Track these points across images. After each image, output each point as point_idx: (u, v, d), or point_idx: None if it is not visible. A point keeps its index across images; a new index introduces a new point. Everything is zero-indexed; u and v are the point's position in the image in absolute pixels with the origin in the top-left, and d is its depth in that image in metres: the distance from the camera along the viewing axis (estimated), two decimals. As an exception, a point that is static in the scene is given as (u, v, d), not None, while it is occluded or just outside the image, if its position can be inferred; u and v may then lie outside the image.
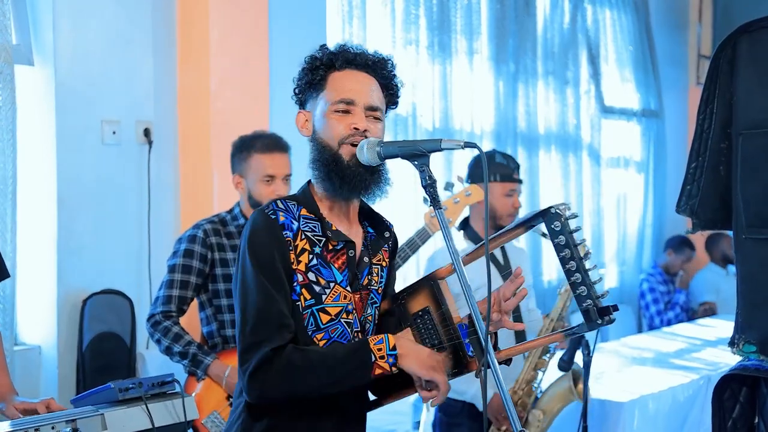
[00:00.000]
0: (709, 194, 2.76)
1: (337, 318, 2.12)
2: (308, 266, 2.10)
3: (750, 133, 2.64)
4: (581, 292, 2.08)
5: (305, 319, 2.09)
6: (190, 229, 3.38)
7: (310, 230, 2.12)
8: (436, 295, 2.19)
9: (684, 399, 4.52)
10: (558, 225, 2.09)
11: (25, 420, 2.54)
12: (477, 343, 2.13)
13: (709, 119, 2.74)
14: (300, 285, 2.09)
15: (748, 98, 2.66)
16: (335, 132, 2.12)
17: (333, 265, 2.13)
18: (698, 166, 2.77)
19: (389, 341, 2.08)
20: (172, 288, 3.28)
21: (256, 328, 2.03)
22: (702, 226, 2.83)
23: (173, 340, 3.22)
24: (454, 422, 3.65)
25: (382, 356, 2.07)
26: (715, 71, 2.72)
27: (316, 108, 2.17)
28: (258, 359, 2.01)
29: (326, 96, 2.16)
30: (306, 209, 2.15)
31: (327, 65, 2.17)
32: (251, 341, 2.03)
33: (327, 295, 2.11)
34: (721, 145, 2.73)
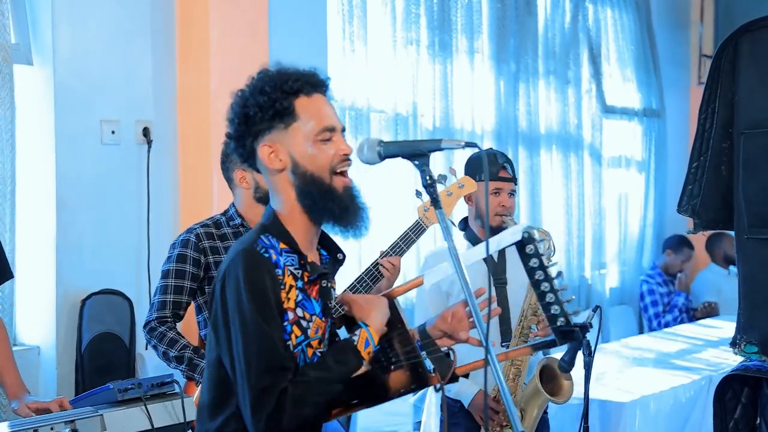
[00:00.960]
0: (711, 194, 2.76)
1: (315, 350, 2.12)
2: (296, 302, 2.08)
3: (751, 133, 2.64)
4: (554, 311, 2.11)
5: (297, 357, 2.07)
6: (183, 234, 3.36)
7: (291, 264, 2.09)
8: (393, 314, 2.19)
9: (685, 399, 4.51)
10: (531, 248, 2.11)
11: (24, 421, 2.53)
12: (436, 358, 2.18)
13: (710, 119, 2.73)
14: (291, 323, 2.06)
15: (750, 98, 2.65)
16: (326, 161, 2.07)
17: (311, 296, 2.12)
18: (700, 165, 2.76)
19: (374, 340, 2.11)
20: (166, 293, 3.25)
21: (262, 374, 1.99)
22: (703, 226, 2.82)
23: (169, 346, 3.19)
24: (452, 422, 3.65)
25: (369, 353, 2.10)
26: (716, 71, 2.71)
27: (290, 139, 2.08)
28: (270, 408, 1.98)
29: (303, 125, 2.07)
30: (283, 242, 2.10)
31: (292, 92, 2.08)
32: (261, 387, 1.98)
33: (310, 329, 2.10)
34: (722, 145, 2.72)
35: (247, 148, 2.12)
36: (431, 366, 2.19)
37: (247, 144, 2.12)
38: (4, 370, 2.84)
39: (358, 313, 2.17)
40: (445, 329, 2.20)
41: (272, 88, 2.08)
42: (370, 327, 2.12)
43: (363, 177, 4.98)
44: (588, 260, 6.80)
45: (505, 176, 3.61)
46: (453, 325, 2.19)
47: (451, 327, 2.19)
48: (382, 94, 5.19)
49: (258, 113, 2.09)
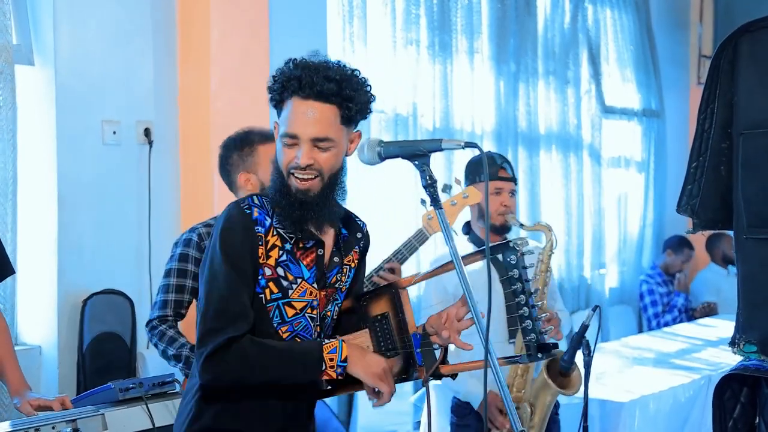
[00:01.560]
0: (710, 194, 2.76)
1: (302, 312, 2.22)
2: (278, 261, 2.18)
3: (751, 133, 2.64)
4: (527, 326, 2.14)
5: (270, 311, 2.18)
6: (185, 233, 3.36)
7: (282, 227, 2.19)
8: (396, 302, 2.28)
9: (685, 399, 4.52)
10: (513, 259, 2.15)
11: (26, 420, 2.54)
12: (428, 354, 2.25)
13: (709, 119, 2.73)
14: (266, 279, 2.17)
15: (749, 98, 2.65)
16: (283, 161, 2.20)
17: (302, 262, 2.21)
18: (699, 165, 2.76)
19: (342, 352, 2.17)
20: (168, 293, 3.26)
21: (216, 316, 2.11)
22: (703, 226, 2.82)
23: (168, 344, 3.20)
24: (462, 423, 3.66)
25: (332, 366, 2.16)
26: (715, 71, 2.72)
27: (279, 126, 2.23)
28: (214, 345, 2.09)
29: (280, 123, 2.22)
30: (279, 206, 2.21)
31: (290, 89, 2.19)
32: (210, 327, 2.11)
33: (293, 290, 2.20)
34: (721, 145, 2.72)
35: None
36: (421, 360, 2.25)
37: None
38: (7, 367, 2.85)
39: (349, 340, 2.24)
40: (436, 327, 2.25)
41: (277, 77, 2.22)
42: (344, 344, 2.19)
43: (363, 178, 5.01)
44: (587, 260, 6.81)
45: (504, 176, 3.63)
46: (444, 324, 2.23)
47: (440, 326, 2.24)
48: (382, 95, 5.18)
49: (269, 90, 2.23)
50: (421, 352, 2.25)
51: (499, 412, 3.51)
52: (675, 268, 7.19)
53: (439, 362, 2.25)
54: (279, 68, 2.24)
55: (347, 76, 2.19)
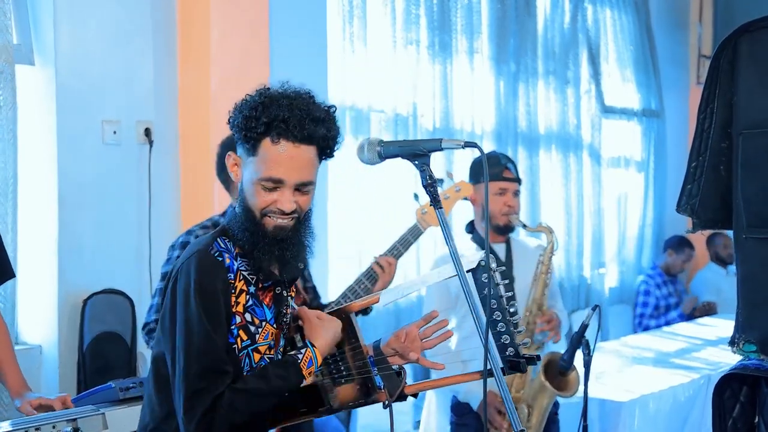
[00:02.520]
0: (710, 194, 2.76)
1: (263, 355, 2.16)
2: (245, 307, 2.12)
3: (750, 133, 2.65)
4: (504, 340, 2.14)
5: (242, 360, 2.12)
6: (182, 235, 3.36)
7: (245, 269, 2.13)
8: (348, 328, 2.23)
9: (684, 399, 4.52)
10: (486, 277, 2.14)
11: (26, 419, 2.54)
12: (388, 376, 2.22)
13: (709, 119, 2.74)
14: (237, 327, 2.11)
15: (749, 98, 2.66)
16: (259, 204, 2.11)
17: (263, 302, 2.17)
18: (699, 165, 2.76)
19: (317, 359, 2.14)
20: None
21: (199, 376, 2.04)
22: (702, 225, 2.83)
23: None
24: (461, 422, 3.67)
25: (311, 373, 2.15)
26: (715, 71, 2.72)
27: (246, 166, 2.12)
28: (203, 409, 2.03)
29: (256, 164, 2.10)
30: (239, 247, 2.14)
31: (261, 131, 2.09)
32: (196, 389, 2.04)
33: (259, 334, 2.15)
34: (721, 145, 2.73)
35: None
36: (381, 383, 2.22)
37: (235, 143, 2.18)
38: (7, 369, 2.85)
39: (308, 332, 2.20)
40: (397, 348, 2.23)
41: (249, 117, 2.10)
42: (317, 348, 2.16)
43: (359, 175, 5.01)
44: (587, 260, 6.82)
45: (508, 176, 3.64)
46: (405, 344, 2.22)
47: (403, 347, 2.23)
48: (382, 95, 5.20)
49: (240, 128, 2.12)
50: (379, 375, 2.22)
51: (497, 412, 3.52)
52: (676, 269, 7.20)
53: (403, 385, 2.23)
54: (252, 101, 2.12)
55: (330, 115, 2.15)
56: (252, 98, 2.14)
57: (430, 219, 3.46)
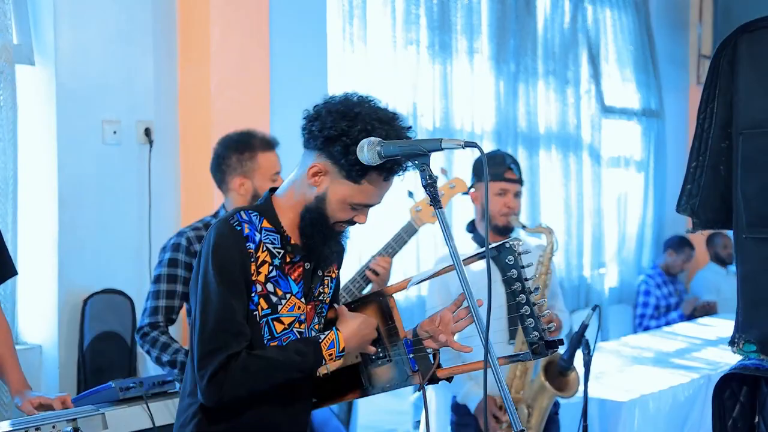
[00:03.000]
0: (710, 194, 2.76)
1: (290, 327, 2.21)
2: (267, 277, 2.17)
3: (750, 133, 2.65)
4: (529, 324, 2.15)
5: (261, 328, 2.17)
6: (173, 237, 3.33)
7: (270, 242, 2.19)
8: (385, 310, 2.28)
9: (684, 398, 4.52)
10: (511, 259, 2.16)
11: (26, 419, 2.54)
12: (422, 359, 2.24)
13: (709, 119, 2.74)
14: (258, 295, 2.16)
15: (749, 98, 2.66)
16: (339, 218, 2.19)
17: (290, 276, 2.21)
18: (699, 165, 2.77)
19: (339, 344, 2.20)
20: (158, 299, 3.23)
21: (214, 335, 2.10)
22: (702, 225, 2.83)
23: (161, 350, 3.16)
24: (462, 422, 3.67)
25: (332, 357, 2.19)
26: (715, 71, 2.72)
27: (339, 185, 2.15)
28: (214, 367, 2.09)
29: (355, 190, 2.15)
30: (267, 221, 2.20)
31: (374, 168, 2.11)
32: (209, 348, 2.10)
33: (282, 306, 2.19)
34: (721, 145, 2.73)
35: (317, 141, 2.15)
36: (415, 365, 2.25)
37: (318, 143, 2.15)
38: (7, 367, 2.85)
39: (339, 322, 2.26)
40: (430, 331, 2.25)
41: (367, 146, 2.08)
42: (341, 332, 2.21)
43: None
44: (587, 259, 6.82)
45: (510, 177, 3.62)
46: (438, 328, 2.24)
47: (436, 330, 2.24)
48: (382, 94, 5.19)
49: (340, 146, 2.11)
50: (414, 357, 2.25)
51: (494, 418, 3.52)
52: (676, 269, 7.20)
53: (435, 367, 2.25)
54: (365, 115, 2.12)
55: None
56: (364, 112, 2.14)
57: (424, 217, 3.47)
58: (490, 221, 3.61)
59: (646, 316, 6.99)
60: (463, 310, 2.24)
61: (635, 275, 7.29)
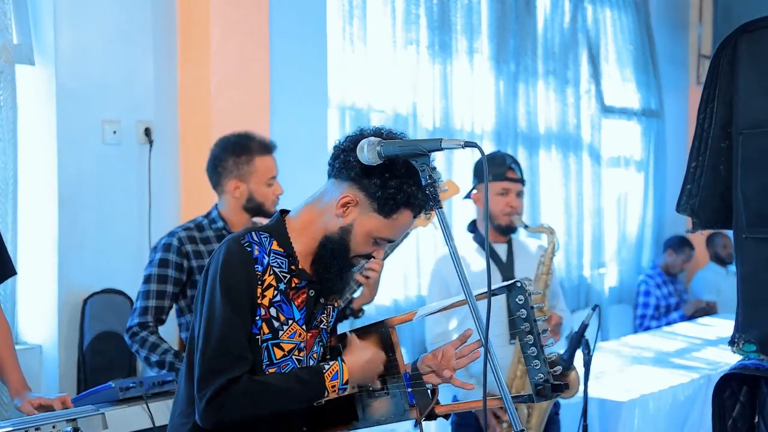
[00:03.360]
0: (710, 193, 2.76)
1: (289, 354, 2.17)
2: (271, 301, 2.14)
3: (750, 133, 2.65)
4: (535, 365, 2.14)
5: (261, 352, 2.14)
6: (165, 237, 3.33)
7: (278, 266, 2.15)
8: (386, 341, 2.24)
9: (684, 398, 4.52)
10: (521, 299, 2.15)
11: (26, 419, 2.54)
12: (420, 393, 2.21)
13: (709, 119, 2.74)
14: (261, 319, 2.13)
15: (749, 98, 2.66)
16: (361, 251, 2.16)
17: (293, 302, 2.17)
18: (698, 165, 2.77)
19: (343, 376, 2.16)
20: (148, 299, 3.24)
21: (216, 357, 2.08)
22: (702, 225, 2.83)
23: (150, 350, 3.18)
24: (463, 422, 3.67)
25: (335, 390, 2.15)
26: (715, 71, 2.72)
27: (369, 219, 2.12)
28: (215, 388, 2.06)
29: (384, 225, 2.13)
30: (278, 243, 2.16)
31: (409, 205, 2.11)
32: (210, 368, 2.08)
33: (284, 332, 2.16)
34: (721, 145, 2.73)
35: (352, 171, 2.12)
36: (413, 399, 2.21)
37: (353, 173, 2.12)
38: (7, 367, 2.85)
39: (346, 352, 2.22)
40: (433, 366, 2.23)
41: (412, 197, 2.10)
42: (345, 364, 2.17)
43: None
44: (587, 259, 6.82)
45: (512, 177, 3.62)
46: (441, 363, 2.22)
47: (438, 365, 2.22)
48: (382, 94, 5.20)
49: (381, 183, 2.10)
50: (412, 392, 2.21)
51: (495, 417, 3.52)
52: (676, 269, 7.20)
53: (434, 403, 2.23)
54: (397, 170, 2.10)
55: None
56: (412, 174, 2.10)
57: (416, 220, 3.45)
58: (493, 221, 3.61)
59: (647, 316, 6.99)
60: (466, 348, 2.22)
61: (635, 275, 7.28)
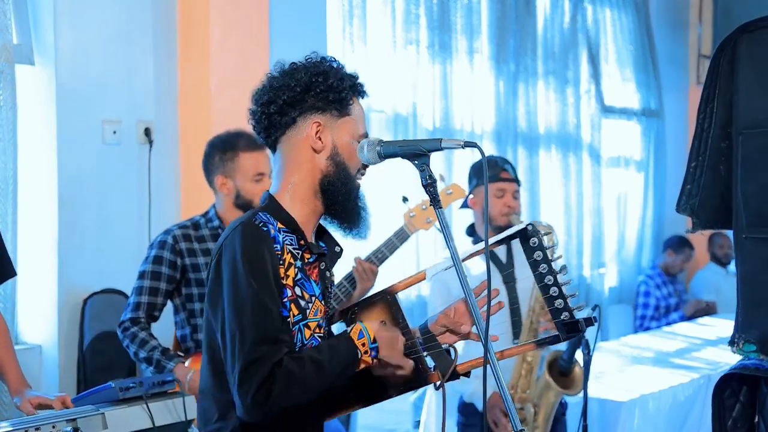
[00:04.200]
0: (710, 193, 2.76)
1: (313, 333, 2.10)
2: (295, 280, 2.06)
3: (750, 133, 2.65)
4: (558, 304, 2.11)
5: (294, 335, 2.06)
6: (160, 235, 3.35)
7: (289, 243, 2.08)
8: (393, 309, 2.18)
9: (684, 398, 4.52)
10: (535, 241, 2.13)
11: (25, 419, 2.54)
12: (439, 356, 2.15)
13: (709, 119, 2.74)
14: (289, 300, 2.04)
15: (748, 98, 2.66)
16: (359, 161, 2.13)
17: (311, 278, 2.12)
18: (698, 165, 2.77)
19: (369, 333, 2.08)
20: (141, 295, 3.27)
21: (255, 345, 1.95)
22: (702, 225, 2.83)
23: (139, 346, 3.20)
24: (468, 422, 3.67)
25: (366, 351, 2.07)
26: (715, 71, 2.72)
27: (338, 129, 2.12)
28: (260, 378, 1.94)
29: (352, 124, 2.13)
30: (281, 222, 2.09)
31: (353, 90, 2.13)
32: (251, 359, 1.95)
33: (310, 310, 2.09)
34: (721, 145, 2.73)
35: (287, 116, 2.13)
36: (432, 363, 2.16)
37: (291, 114, 2.13)
38: (7, 366, 2.85)
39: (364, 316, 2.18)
40: (447, 324, 2.18)
41: (336, 78, 2.12)
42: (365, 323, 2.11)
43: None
44: (587, 259, 6.82)
45: (506, 177, 3.63)
46: (455, 320, 2.17)
47: (453, 322, 2.17)
48: (382, 94, 5.20)
49: (318, 90, 2.11)
50: (429, 355, 2.15)
51: (503, 414, 3.51)
52: (676, 269, 7.20)
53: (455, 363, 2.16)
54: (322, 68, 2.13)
55: None
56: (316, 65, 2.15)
57: (417, 223, 3.43)
58: (492, 222, 3.62)
59: (647, 317, 6.99)
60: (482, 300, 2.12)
61: (635, 275, 7.28)
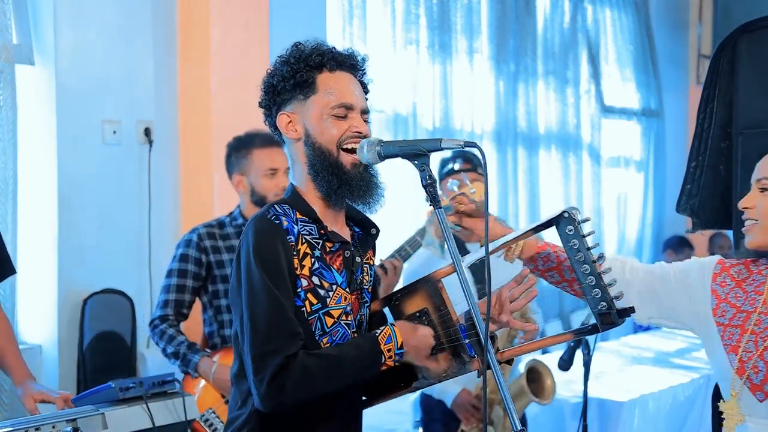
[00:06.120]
0: (709, 193, 2.77)
1: (338, 320, 2.12)
2: (311, 270, 2.08)
3: (750, 133, 2.65)
4: (595, 294, 2.09)
5: (312, 324, 2.08)
6: (187, 234, 3.48)
7: (307, 233, 2.11)
8: (434, 296, 2.18)
9: (684, 398, 4.53)
10: (571, 229, 2.12)
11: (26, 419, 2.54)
12: (477, 343, 2.13)
13: (709, 119, 2.74)
14: (305, 290, 2.07)
15: (748, 98, 2.66)
16: (335, 135, 2.12)
17: (332, 266, 2.13)
18: (698, 165, 2.77)
19: (397, 339, 2.09)
20: (169, 292, 3.39)
21: (268, 337, 1.99)
22: (702, 225, 2.83)
23: (167, 342, 3.34)
24: (432, 418, 3.70)
25: (390, 356, 2.08)
26: (715, 71, 2.72)
27: (307, 111, 2.14)
28: (274, 368, 1.97)
29: (320, 99, 2.13)
30: (300, 212, 2.13)
31: (315, 66, 2.13)
32: (265, 350, 1.98)
33: (330, 298, 2.10)
34: (721, 145, 2.73)
35: (272, 115, 2.19)
36: (473, 351, 2.14)
37: (273, 114, 2.19)
38: (8, 356, 2.86)
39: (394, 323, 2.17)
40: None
41: (296, 60, 2.14)
42: (396, 327, 2.12)
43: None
44: (587, 260, 6.81)
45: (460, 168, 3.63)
46: (495, 308, 2.16)
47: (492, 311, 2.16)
48: (381, 94, 5.20)
49: (281, 83, 2.15)
50: (470, 342, 2.13)
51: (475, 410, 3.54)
52: (675, 269, 7.19)
53: (496, 350, 2.15)
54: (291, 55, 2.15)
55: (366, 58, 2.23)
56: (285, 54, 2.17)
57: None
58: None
59: None
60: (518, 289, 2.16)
61: (635, 275, 7.27)
